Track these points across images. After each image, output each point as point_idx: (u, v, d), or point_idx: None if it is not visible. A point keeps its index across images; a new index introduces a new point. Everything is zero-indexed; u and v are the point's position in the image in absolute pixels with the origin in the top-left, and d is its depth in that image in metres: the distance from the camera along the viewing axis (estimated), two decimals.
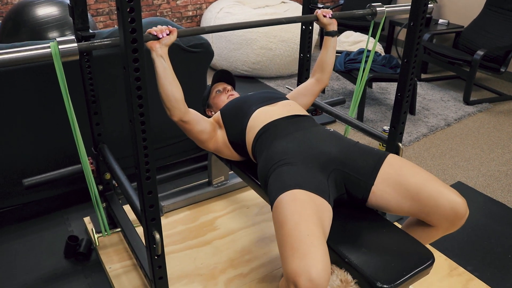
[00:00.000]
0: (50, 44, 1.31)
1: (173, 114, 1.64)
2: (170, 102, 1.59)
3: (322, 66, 2.02)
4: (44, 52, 1.30)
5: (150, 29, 1.49)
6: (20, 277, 1.99)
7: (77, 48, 1.34)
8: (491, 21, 4.29)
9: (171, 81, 1.56)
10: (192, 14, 4.97)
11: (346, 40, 4.55)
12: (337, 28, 1.97)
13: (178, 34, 1.53)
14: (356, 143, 1.63)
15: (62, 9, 2.63)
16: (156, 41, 1.49)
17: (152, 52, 1.50)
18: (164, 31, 1.49)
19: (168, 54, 1.53)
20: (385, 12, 2.05)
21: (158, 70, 1.52)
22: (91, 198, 1.78)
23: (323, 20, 1.92)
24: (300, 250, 1.23)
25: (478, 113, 3.89)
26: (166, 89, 1.56)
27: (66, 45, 1.32)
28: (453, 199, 1.42)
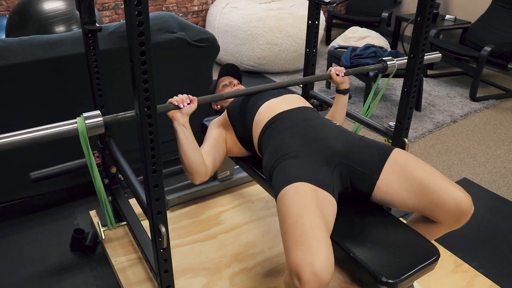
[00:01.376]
0: (77, 119, 1.36)
1: (195, 179, 1.66)
2: (192, 167, 1.62)
3: (334, 120, 2.01)
4: (71, 128, 1.35)
5: (171, 99, 1.53)
6: (27, 269, 2.00)
7: (102, 122, 1.38)
8: (499, 17, 4.26)
9: (193, 148, 1.59)
10: (198, 9, 4.96)
11: (352, 36, 4.53)
12: (348, 87, 1.98)
13: (198, 102, 1.58)
14: (361, 137, 1.63)
15: (68, 3, 2.64)
16: (177, 111, 1.53)
17: (174, 122, 1.54)
18: (185, 100, 1.54)
19: (174, 50, 1.54)
20: (395, 66, 2.07)
21: (180, 139, 1.56)
22: (96, 192, 1.78)
23: (336, 79, 1.93)
24: (303, 242, 1.23)
25: (484, 110, 3.87)
26: (189, 155, 1.59)
27: (92, 119, 1.37)
28: (458, 195, 1.41)
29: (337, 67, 1.95)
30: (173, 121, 1.55)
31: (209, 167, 1.69)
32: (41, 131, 1.31)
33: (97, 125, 1.37)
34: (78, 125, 1.35)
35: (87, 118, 1.36)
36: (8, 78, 2.00)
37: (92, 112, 1.38)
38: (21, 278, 1.95)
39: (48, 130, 1.32)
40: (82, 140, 1.38)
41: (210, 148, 1.76)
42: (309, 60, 2.29)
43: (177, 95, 1.57)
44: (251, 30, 4.26)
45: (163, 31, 2.28)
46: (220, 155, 1.79)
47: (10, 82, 2.02)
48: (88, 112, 1.38)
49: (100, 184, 1.61)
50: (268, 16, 4.26)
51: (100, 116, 1.38)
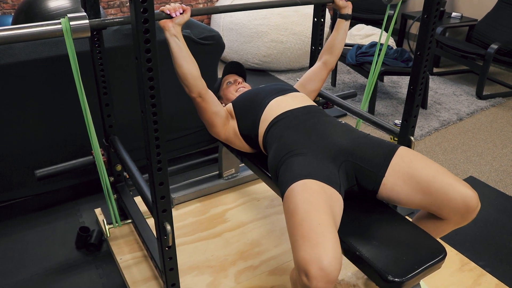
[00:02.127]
0: (61, 20, 1.29)
1: (192, 91, 1.65)
2: (187, 80, 1.60)
3: (332, 48, 2.01)
4: (54, 28, 1.29)
5: (163, 7, 1.48)
6: (32, 267, 2.01)
7: (88, 24, 1.32)
8: (506, 15, 4.23)
9: (187, 59, 1.57)
10: (203, 6, 4.96)
11: (358, 33, 4.51)
12: (351, 12, 1.95)
13: (191, 13, 1.52)
14: (367, 135, 1.62)
15: (73, 1, 2.64)
16: (169, 20, 1.48)
17: (166, 32, 1.49)
18: (177, 9, 1.48)
19: None
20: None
21: (173, 50, 1.53)
22: (103, 189, 1.78)
23: (339, 3, 1.92)
24: (311, 239, 1.22)
25: (491, 108, 3.85)
26: (183, 67, 1.57)
27: (77, 21, 1.30)
28: (465, 192, 1.40)
29: None
30: (164, 31, 1.50)
31: (208, 92, 1.69)
32: (25, 29, 1.25)
33: (83, 27, 1.31)
34: (63, 26, 1.29)
35: (72, 19, 1.30)
36: (13, 76, 2.01)
37: (78, 14, 1.32)
38: (26, 276, 1.96)
39: (32, 29, 1.26)
40: (67, 42, 1.32)
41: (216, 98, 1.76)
42: (315, 57, 2.28)
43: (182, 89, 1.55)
44: (256, 28, 4.25)
45: None
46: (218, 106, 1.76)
47: (15, 79, 2.02)
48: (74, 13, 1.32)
49: (107, 182, 1.61)
50: (273, 14, 4.25)
51: (86, 18, 1.32)
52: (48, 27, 1.28)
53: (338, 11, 1.97)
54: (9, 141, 2.13)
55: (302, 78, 2.08)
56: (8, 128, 2.10)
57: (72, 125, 2.22)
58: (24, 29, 1.25)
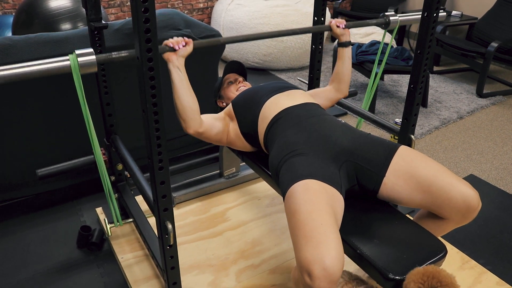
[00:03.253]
0: (69, 56, 1.32)
1: (189, 126, 1.65)
2: (186, 113, 1.60)
3: (339, 77, 2.00)
4: (63, 65, 1.31)
5: (167, 40, 1.51)
6: (33, 266, 2.01)
7: (95, 60, 1.34)
8: (506, 13, 4.23)
9: (187, 92, 1.57)
10: (203, 6, 4.96)
11: (358, 32, 4.52)
12: (350, 39, 1.96)
13: (194, 46, 1.55)
14: (367, 134, 1.62)
15: (74, 1, 2.64)
16: (172, 53, 1.51)
17: (169, 64, 1.52)
18: (180, 42, 1.51)
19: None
20: (398, 22, 2.04)
21: (175, 81, 1.54)
22: (104, 188, 1.79)
23: (336, 31, 1.93)
24: (314, 239, 1.23)
25: (491, 106, 3.85)
26: (183, 100, 1.57)
27: (84, 57, 1.33)
28: (465, 191, 1.41)
29: (338, 19, 1.95)
30: (168, 63, 1.52)
31: (204, 122, 1.69)
32: (34, 66, 1.27)
33: (90, 63, 1.33)
34: (71, 62, 1.31)
35: (80, 55, 1.32)
36: None
37: (85, 50, 1.34)
38: (28, 275, 1.96)
39: (40, 65, 1.28)
40: (75, 78, 1.34)
41: (210, 117, 1.76)
42: (315, 56, 2.28)
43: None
44: (256, 27, 4.25)
45: (169, 28, 2.28)
46: (217, 127, 1.77)
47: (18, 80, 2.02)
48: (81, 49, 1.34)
49: (108, 181, 1.62)
50: (274, 13, 4.26)
51: (93, 54, 1.34)
52: (56, 63, 1.30)
53: (337, 40, 1.97)
54: (10, 140, 2.13)
55: (311, 91, 2.07)
56: (9, 127, 2.10)
57: (73, 124, 2.22)
58: (32, 66, 1.27)
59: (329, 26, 1.93)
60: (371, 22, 2.05)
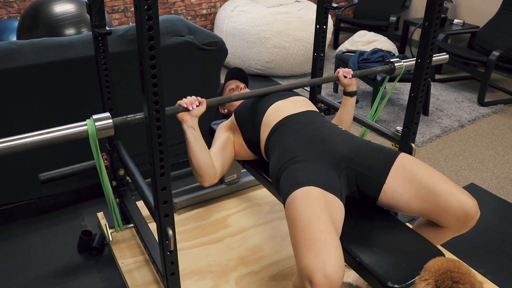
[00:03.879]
0: (86, 121, 1.36)
1: (205, 181, 1.66)
2: (201, 169, 1.62)
3: (341, 123, 2.01)
4: (81, 130, 1.36)
5: (180, 101, 1.54)
6: (34, 270, 2.02)
7: (112, 124, 1.39)
8: (508, 22, 4.24)
9: (202, 150, 1.59)
10: (206, 12, 4.98)
11: (360, 40, 4.53)
12: (356, 89, 1.98)
13: (207, 104, 1.59)
14: (367, 142, 1.63)
15: (78, 6, 2.66)
16: (186, 113, 1.54)
17: (183, 124, 1.55)
18: (193, 102, 1.54)
19: (183, 53, 1.54)
20: (403, 67, 2.07)
21: (189, 140, 1.56)
22: (104, 193, 1.79)
23: (344, 81, 1.94)
24: (315, 246, 1.23)
25: (492, 115, 3.85)
26: (198, 157, 1.59)
27: (101, 122, 1.37)
28: (464, 200, 1.41)
29: (345, 69, 1.95)
30: (182, 123, 1.55)
31: (218, 169, 1.70)
32: (51, 133, 1.32)
33: (107, 127, 1.38)
34: (88, 127, 1.36)
35: (97, 120, 1.37)
36: (19, 80, 2.03)
37: (101, 114, 1.39)
38: (28, 279, 1.97)
39: (58, 132, 1.33)
40: (92, 142, 1.38)
41: (218, 151, 1.76)
42: (317, 64, 2.29)
43: (185, 95, 1.57)
44: (259, 33, 4.27)
45: (172, 34, 2.29)
46: (228, 158, 1.79)
47: (21, 83, 2.04)
48: (98, 114, 1.39)
49: (108, 186, 1.62)
50: (276, 20, 4.27)
51: (110, 118, 1.39)
52: (74, 129, 1.35)
53: (343, 89, 1.99)
54: None
55: None
56: (12, 131, 2.11)
57: None
58: (52, 133, 1.32)
59: (337, 77, 1.94)
60: (376, 70, 2.12)
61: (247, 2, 4.66)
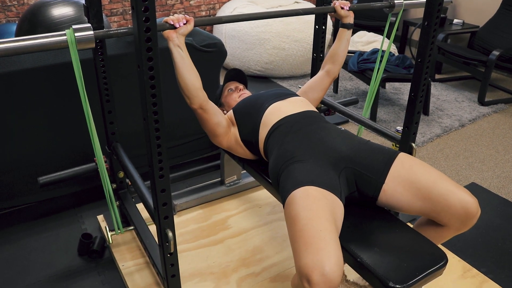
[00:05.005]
0: (66, 31, 1.30)
1: (193, 102, 1.64)
2: (189, 91, 1.60)
3: (334, 57, 2.01)
4: (59, 39, 1.29)
5: (167, 18, 1.49)
6: (35, 273, 2.01)
7: (93, 35, 1.32)
8: (507, 21, 4.24)
9: (189, 70, 1.56)
10: (205, 14, 4.98)
11: (360, 40, 4.52)
12: (353, 21, 1.96)
13: (195, 23, 1.52)
14: (367, 141, 1.63)
15: (77, 9, 2.66)
16: (172, 31, 1.48)
17: (169, 42, 1.50)
18: (181, 20, 1.48)
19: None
20: (403, 5, 2.03)
21: (176, 60, 1.53)
22: (105, 196, 1.79)
23: (340, 12, 1.92)
24: (313, 245, 1.23)
25: (493, 114, 3.85)
26: (185, 78, 1.57)
27: (82, 32, 1.31)
28: (464, 198, 1.41)
29: (342, 1, 1.94)
30: (168, 42, 1.50)
31: (209, 103, 1.68)
32: (30, 40, 1.25)
33: (87, 38, 1.31)
34: (68, 37, 1.29)
35: (77, 30, 1.30)
36: (18, 84, 2.02)
37: (82, 25, 1.32)
38: (29, 282, 1.96)
39: (37, 40, 1.26)
40: (72, 53, 1.32)
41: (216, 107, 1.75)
42: (316, 64, 2.29)
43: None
44: (258, 35, 4.27)
45: None
46: (219, 117, 1.76)
47: (19, 87, 2.03)
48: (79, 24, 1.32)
49: (109, 186, 1.62)
50: (275, 21, 4.27)
51: (91, 29, 1.32)
52: (53, 38, 1.28)
53: (340, 21, 1.98)
54: (12, 148, 2.14)
55: (304, 86, 2.09)
56: (11, 135, 2.11)
57: (75, 132, 2.23)
58: (29, 40, 1.26)
59: (333, 8, 1.92)
60: (375, 4, 2.04)
61: (246, 3, 4.66)
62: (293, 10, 1.78)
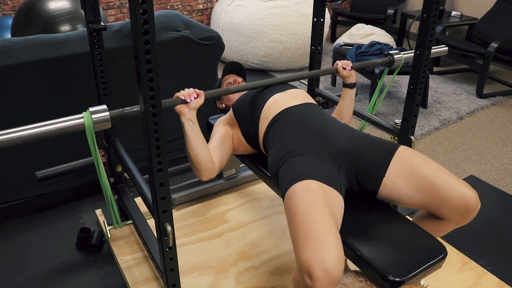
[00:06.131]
0: (83, 114, 1.34)
1: (203, 175, 1.63)
2: (200, 164, 1.60)
3: (340, 116, 1.99)
4: (77, 123, 1.33)
5: (178, 93, 1.52)
6: (33, 268, 2.01)
7: (109, 116, 1.37)
8: (506, 13, 4.23)
9: (201, 144, 1.57)
10: (203, 7, 4.96)
11: (358, 33, 4.51)
12: (355, 81, 1.96)
13: (205, 96, 1.56)
14: (366, 135, 1.62)
15: (73, 3, 2.64)
16: (184, 105, 1.51)
17: (181, 116, 1.52)
18: (191, 95, 1.52)
19: (179, 48, 1.53)
20: (402, 60, 2.06)
21: (187, 134, 1.54)
22: (102, 190, 1.79)
23: (343, 73, 1.92)
24: (314, 240, 1.23)
25: (491, 106, 3.85)
26: (196, 151, 1.57)
27: (98, 114, 1.35)
28: (464, 191, 1.41)
29: (344, 61, 1.94)
30: (180, 116, 1.53)
31: (217, 163, 1.68)
32: (47, 126, 1.30)
33: (104, 119, 1.36)
34: (85, 120, 1.34)
35: (94, 112, 1.35)
36: (14, 77, 2.01)
37: (98, 107, 1.36)
38: (27, 277, 1.96)
39: (54, 125, 1.30)
40: (88, 135, 1.37)
41: (217, 145, 1.74)
42: (315, 57, 2.28)
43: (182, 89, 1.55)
44: (256, 28, 4.25)
45: (168, 29, 2.28)
46: (227, 152, 1.78)
47: (16, 81, 2.02)
48: (94, 106, 1.37)
49: (107, 183, 1.61)
50: (273, 14, 4.26)
51: (107, 110, 1.37)
52: (71, 122, 1.33)
53: (342, 81, 1.97)
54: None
55: None
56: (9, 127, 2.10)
57: None
58: (48, 126, 1.30)
59: (335, 69, 1.93)
60: (375, 62, 2.10)
61: None
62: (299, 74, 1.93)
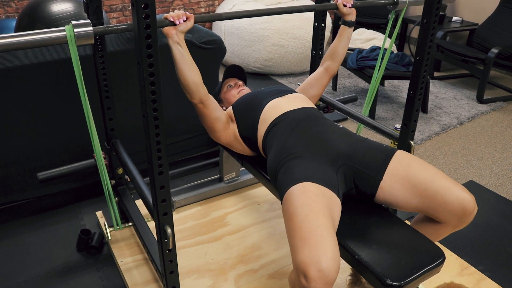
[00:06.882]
0: (65, 27, 1.30)
1: (193, 97, 1.66)
2: (189, 86, 1.61)
3: (334, 54, 2.02)
4: (59, 35, 1.29)
5: (167, 14, 1.49)
6: (33, 269, 2.02)
7: (92, 31, 1.32)
8: (506, 19, 4.24)
9: (189, 66, 1.57)
10: (205, 11, 4.98)
11: (359, 38, 4.53)
12: (355, 19, 1.96)
13: (195, 20, 1.52)
14: (365, 139, 1.63)
15: (76, 5, 2.65)
16: (172, 27, 1.49)
17: (169, 39, 1.50)
18: (181, 17, 1.49)
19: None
20: (406, 2, 2.02)
21: (175, 57, 1.54)
22: (104, 192, 1.79)
23: (343, 10, 1.92)
24: (310, 241, 1.23)
25: (491, 112, 3.85)
26: (185, 74, 1.58)
27: (81, 28, 1.30)
28: (461, 195, 1.41)
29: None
30: (167, 39, 1.50)
31: (210, 98, 1.70)
32: (30, 36, 1.25)
33: (87, 34, 1.31)
34: (67, 33, 1.29)
35: (76, 26, 1.29)
36: (17, 79, 2.02)
37: (82, 21, 1.31)
38: (28, 278, 1.97)
39: (36, 35, 1.26)
40: (71, 49, 1.31)
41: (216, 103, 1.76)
42: (315, 62, 2.29)
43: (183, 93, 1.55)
44: (257, 32, 4.26)
45: None
46: (219, 112, 1.77)
47: (19, 83, 2.03)
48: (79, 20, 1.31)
49: (108, 183, 1.62)
50: (275, 18, 4.27)
51: (90, 25, 1.31)
52: (52, 34, 1.28)
53: (342, 18, 1.98)
54: (11, 143, 2.14)
55: (304, 83, 2.09)
56: (10, 131, 2.11)
57: (74, 128, 2.23)
58: (28, 36, 1.25)
59: (335, 5, 1.92)
60: (379, 1, 2.02)
61: (246, 0, 4.65)
62: (294, 7, 1.78)
